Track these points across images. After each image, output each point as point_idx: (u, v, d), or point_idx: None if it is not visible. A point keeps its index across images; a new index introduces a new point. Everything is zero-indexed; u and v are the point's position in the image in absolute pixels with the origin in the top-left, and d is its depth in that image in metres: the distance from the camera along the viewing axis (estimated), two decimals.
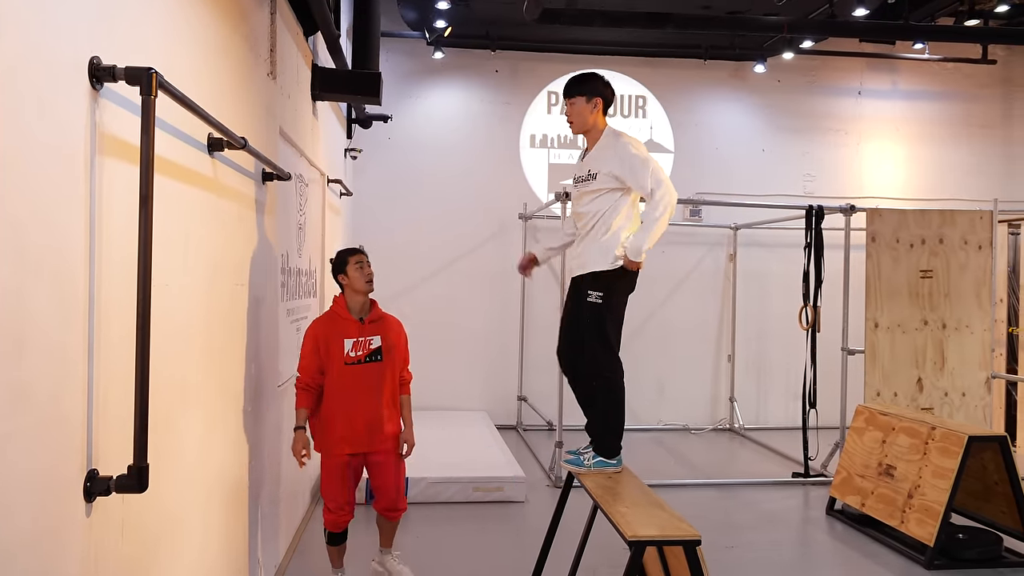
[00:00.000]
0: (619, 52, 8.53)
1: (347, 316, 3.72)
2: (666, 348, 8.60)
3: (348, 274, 3.73)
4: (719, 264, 8.77)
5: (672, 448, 7.66)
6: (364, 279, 3.72)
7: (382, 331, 3.76)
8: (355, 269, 3.72)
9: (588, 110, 3.48)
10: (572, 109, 3.52)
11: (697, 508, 5.57)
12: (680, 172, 8.57)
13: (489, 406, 8.31)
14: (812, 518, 5.50)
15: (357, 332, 3.69)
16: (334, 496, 3.73)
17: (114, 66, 1.82)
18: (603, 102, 3.50)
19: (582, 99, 3.49)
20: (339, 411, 3.65)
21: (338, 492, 3.72)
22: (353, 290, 3.73)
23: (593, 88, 3.50)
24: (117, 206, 1.93)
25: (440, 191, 8.31)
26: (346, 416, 3.65)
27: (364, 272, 3.73)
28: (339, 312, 3.73)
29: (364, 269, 3.74)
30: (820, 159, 8.90)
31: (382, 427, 3.71)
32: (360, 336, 3.69)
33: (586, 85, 3.51)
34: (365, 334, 3.70)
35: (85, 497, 1.80)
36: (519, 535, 4.92)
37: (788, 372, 8.52)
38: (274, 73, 3.89)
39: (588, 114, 3.48)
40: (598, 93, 3.49)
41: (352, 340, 3.68)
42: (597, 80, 3.55)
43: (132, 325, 1.86)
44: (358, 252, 3.80)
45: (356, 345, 3.67)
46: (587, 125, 3.51)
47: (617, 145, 3.41)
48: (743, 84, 8.79)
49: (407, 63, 8.30)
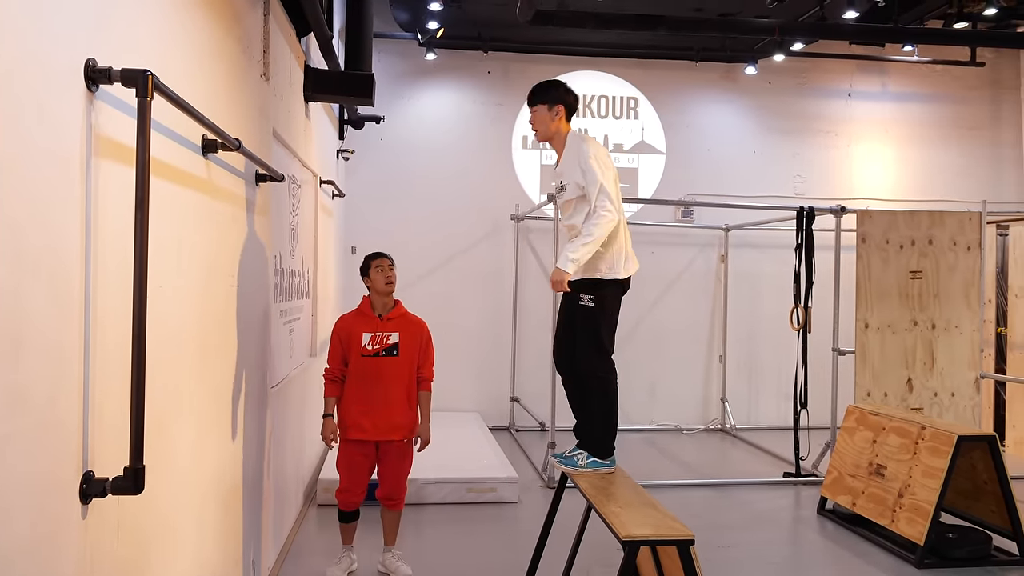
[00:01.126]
0: (611, 53, 8.55)
1: (369, 313, 4.05)
2: (658, 349, 8.62)
3: (370, 276, 4.08)
4: (711, 265, 8.80)
5: (664, 448, 7.68)
6: (384, 281, 4.05)
7: (401, 328, 4.04)
8: (376, 272, 4.07)
9: (550, 117, 3.56)
10: (535, 117, 3.61)
11: (690, 508, 5.59)
12: (672, 173, 8.59)
13: (482, 407, 8.32)
14: (803, 517, 5.53)
15: (375, 327, 4.00)
16: (346, 476, 4.02)
17: (110, 68, 1.82)
18: (565, 108, 3.58)
19: (543, 107, 3.57)
20: (354, 399, 3.95)
21: (350, 473, 4.02)
22: (375, 291, 4.08)
23: (555, 95, 3.58)
24: (113, 208, 1.93)
25: (433, 192, 8.32)
26: (359, 404, 3.94)
27: (384, 275, 4.05)
28: (363, 309, 4.08)
29: (384, 272, 4.06)
30: (810, 160, 8.95)
31: (392, 418, 3.97)
32: (377, 331, 3.99)
33: (548, 93, 3.59)
34: (383, 329, 4.01)
35: (81, 499, 1.79)
36: (512, 536, 4.93)
37: (779, 372, 8.56)
38: (267, 74, 3.89)
39: (550, 121, 3.56)
40: (560, 100, 3.57)
41: (370, 334, 3.99)
42: (559, 87, 3.63)
43: (128, 327, 1.86)
44: (379, 256, 4.13)
45: (373, 339, 3.99)
46: (550, 132, 3.59)
47: (580, 153, 3.46)
48: (734, 85, 8.83)
49: (399, 64, 8.30)
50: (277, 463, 4.30)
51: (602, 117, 8.68)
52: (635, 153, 8.67)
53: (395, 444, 3.99)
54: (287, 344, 4.76)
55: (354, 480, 4.02)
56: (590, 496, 2.92)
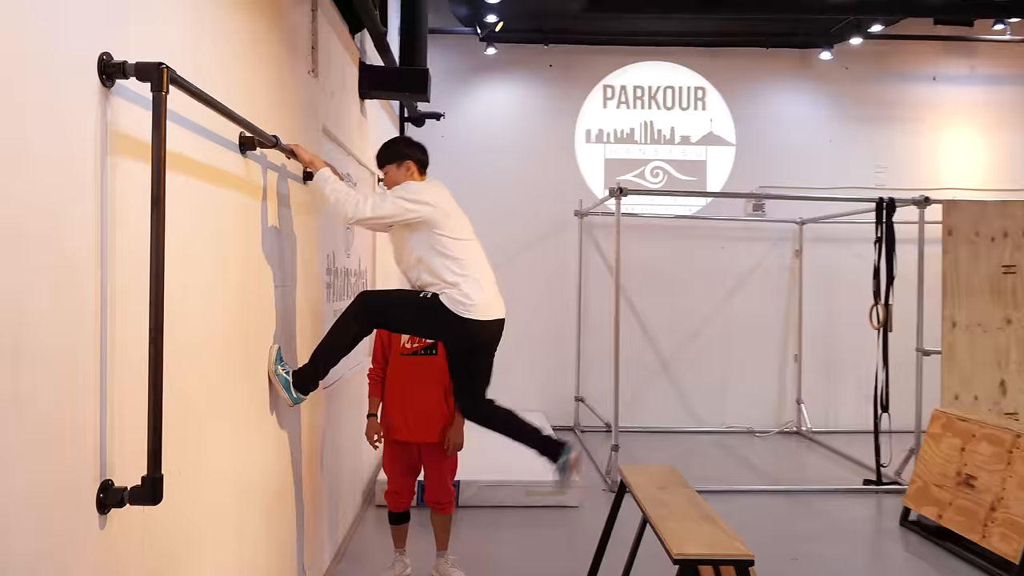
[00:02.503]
0: (677, 42, 8.26)
1: None
2: (729, 348, 8.31)
3: None
4: (784, 260, 8.43)
5: (735, 452, 7.38)
6: None
7: None
8: None
9: (402, 175, 3.51)
10: (387, 179, 3.56)
11: (760, 516, 5.32)
12: (742, 166, 8.27)
13: (546, 407, 8.17)
14: (885, 529, 5.19)
15: None
16: (392, 477, 3.98)
17: (124, 62, 1.75)
18: (415, 163, 3.54)
19: (392, 167, 3.54)
20: (394, 399, 3.87)
21: (396, 474, 3.96)
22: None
23: (398, 152, 3.55)
24: (132, 208, 1.87)
25: (494, 189, 8.20)
26: (399, 405, 3.85)
27: None
28: None
29: None
30: (892, 149, 8.46)
31: (431, 419, 3.85)
32: None
33: (390, 151, 3.57)
34: None
35: (99, 509, 1.73)
36: (572, 542, 4.77)
37: (858, 373, 8.11)
38: (316, 71, 3.83)
39: (403, 178, 3.49)
40: (405, 156, 3.54)
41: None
42: (400, 144, 3.62)
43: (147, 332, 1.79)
44: None
45: (412, 337, 3.86)
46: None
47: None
48: (809, 72, 8.43)
49: (459, 60, 8.22)
50: (333, 464, 4.26)
51: (668, 108, 8.41)
52: (703, 145, 8.36)
53: (435, 446, 3.88)
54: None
55: (400, 481, 3.95)
56: (645, 507, 2.75)
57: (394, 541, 4.09)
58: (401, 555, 4.07)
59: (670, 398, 8.33)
